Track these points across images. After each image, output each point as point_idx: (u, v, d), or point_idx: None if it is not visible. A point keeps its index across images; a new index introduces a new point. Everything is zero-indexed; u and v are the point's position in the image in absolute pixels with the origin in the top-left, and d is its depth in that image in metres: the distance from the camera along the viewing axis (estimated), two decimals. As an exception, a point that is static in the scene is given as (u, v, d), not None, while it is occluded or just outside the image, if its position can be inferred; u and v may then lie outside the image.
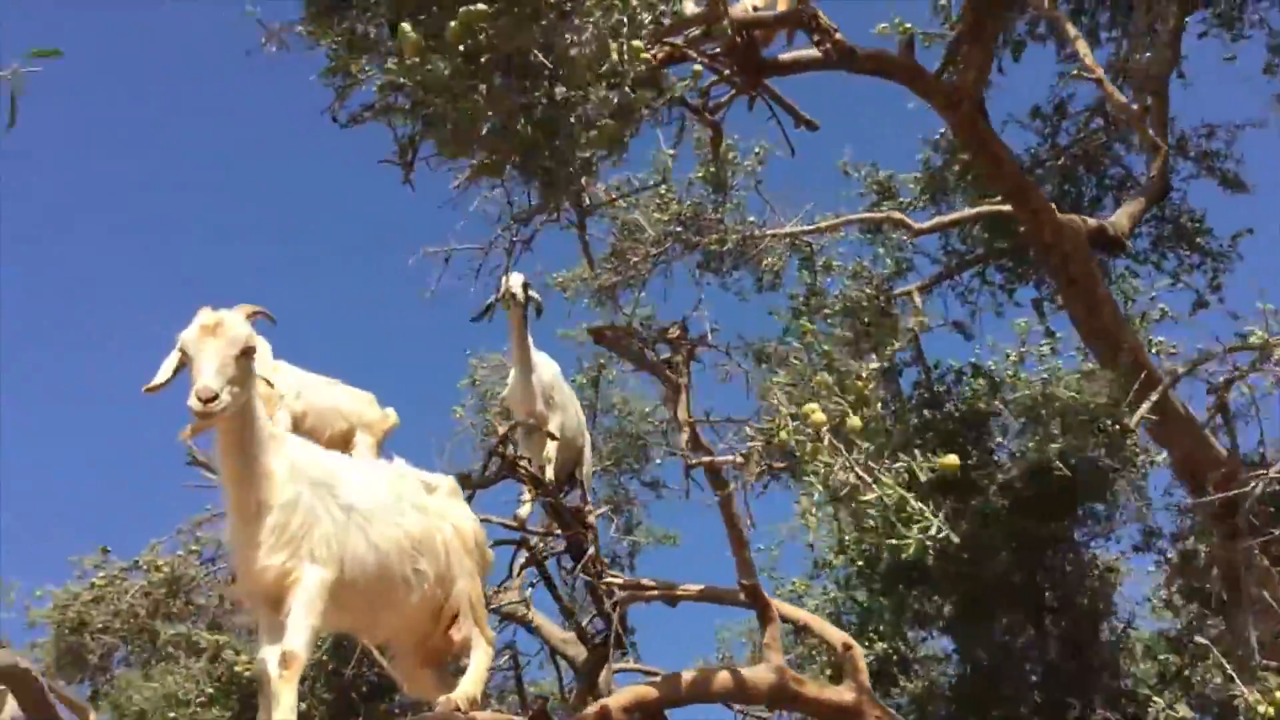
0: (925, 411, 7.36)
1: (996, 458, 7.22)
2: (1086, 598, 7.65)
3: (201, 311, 3.56)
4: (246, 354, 3.53)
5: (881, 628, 7.91)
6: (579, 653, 6.63)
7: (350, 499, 3.89)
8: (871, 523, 3.19)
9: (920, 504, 3.15)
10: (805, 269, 7.44)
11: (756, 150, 7.42)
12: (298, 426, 5.92)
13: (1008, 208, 6.49)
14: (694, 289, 7.62)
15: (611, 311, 8.28)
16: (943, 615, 8.04)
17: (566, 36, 3.23)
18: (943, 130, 7.37)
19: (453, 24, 3.02)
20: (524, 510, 6.31)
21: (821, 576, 8.60)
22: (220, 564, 6.60)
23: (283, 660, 3.49)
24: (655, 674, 5.69)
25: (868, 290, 7.11)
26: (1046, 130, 7.56)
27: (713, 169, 7.07)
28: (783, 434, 3.16)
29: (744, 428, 3.52)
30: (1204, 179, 7.26)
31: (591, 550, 5.70)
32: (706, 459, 3.85)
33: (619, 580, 5.52)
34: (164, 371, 3.55)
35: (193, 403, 3.37)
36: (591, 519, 5.91)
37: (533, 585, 6.41)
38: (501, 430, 6.20)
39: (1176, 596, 7.37)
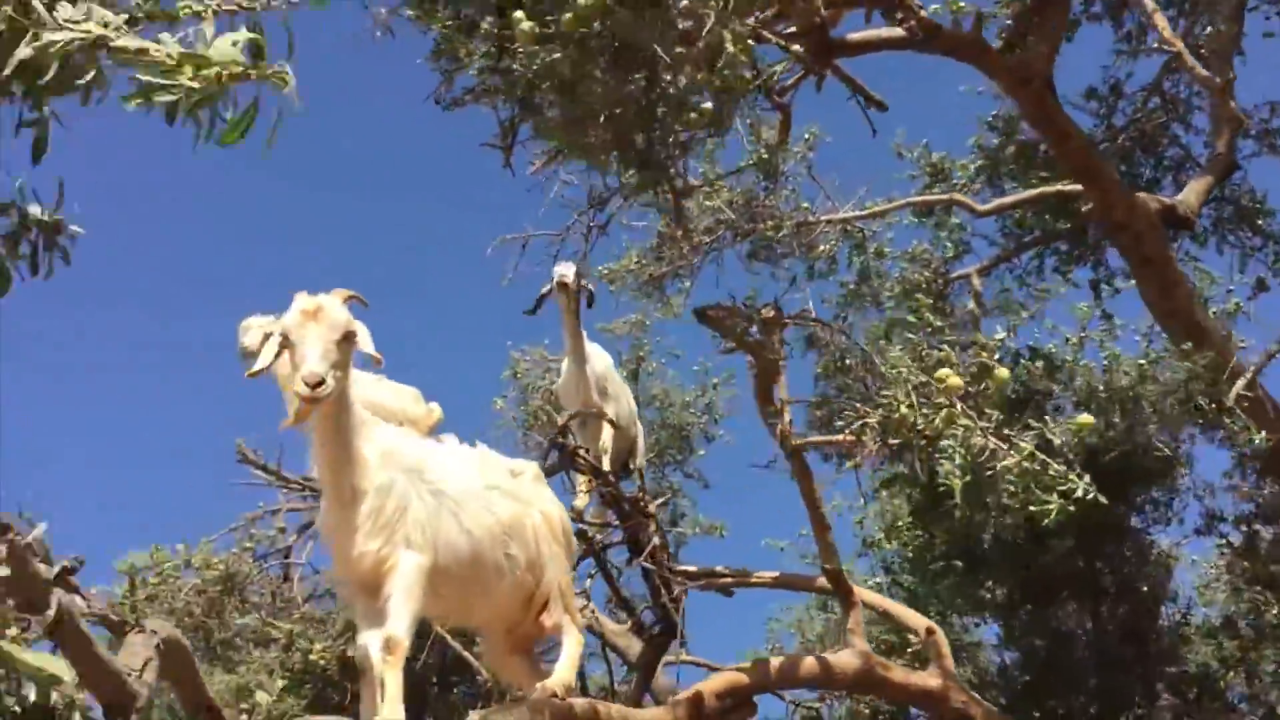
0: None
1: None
2: (1145, 584, 7.58)
3: (299, 296, 3.51)
4: (348, 339, 3.48)
5: (930, 613, 7.84)
6: (629, 645, 6.57)
7: (441, 485, 3.84)
8: (1011, 488, 3.13)
9: (1062, 467, 3.10)
10: (858, 254, 7.36)
11: (806, 136, 7.35)
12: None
13: (1070, 188, 6.42)
14: (746, 277, 7.54)
15: (657, 302, 8.24)
16: (996, 601, 7.97)
17: (679, 25, 3.19)
18: (996, 111, 7.30)
19: (567, 16, 2.97)
20: (580, 501, 6.27)
21: (867, 556, 8.51)
22: (272, 561, 6.56)
23: (386, 646, 3.45)
24: (708, 666, 5.63)
25: (925, 273, 7.04)
26: (1102, 111, 7.46)
27: (765, 155, 7.00)
28: (903, 409, 3.10)
29: (855, 407, 3.46)
30: (1265, 157, 7.17)
31: (657, 540, 5.63)
32: (818, 439, 3.79)
33: (692, 569, 5.45)
34: (265, 356, 3.50)
35: (300, 388, 3.32)
36: (652, 508, 5.84)
37: (590, 577, 6.36)
38: (561, 421, 6.15)
39: (1240, 581, 7.30)
